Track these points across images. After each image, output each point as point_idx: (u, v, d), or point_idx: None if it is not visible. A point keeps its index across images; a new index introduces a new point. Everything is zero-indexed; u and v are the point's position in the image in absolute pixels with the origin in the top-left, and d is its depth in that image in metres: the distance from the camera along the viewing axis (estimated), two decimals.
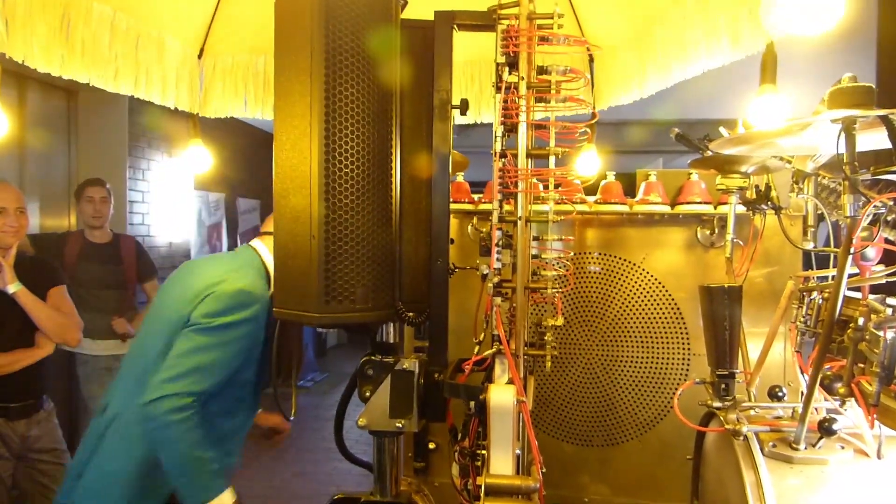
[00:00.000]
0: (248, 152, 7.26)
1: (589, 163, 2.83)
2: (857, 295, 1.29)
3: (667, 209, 2.12)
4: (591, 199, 2.22)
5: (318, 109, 1.38)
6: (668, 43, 2.51)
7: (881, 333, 1.07)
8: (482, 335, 1.64)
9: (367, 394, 1.56)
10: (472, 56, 2.98)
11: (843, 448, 1.29)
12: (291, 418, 1.98)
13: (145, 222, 5.53)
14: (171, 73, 2.75)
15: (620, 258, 2.18)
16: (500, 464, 1.44)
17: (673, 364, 2.14)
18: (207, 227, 6.61)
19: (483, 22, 1.62)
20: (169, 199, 5.86)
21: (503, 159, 1.53)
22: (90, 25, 2.31)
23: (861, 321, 1.16)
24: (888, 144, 1.11)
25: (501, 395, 1.43)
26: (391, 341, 1.62)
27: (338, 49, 1.39)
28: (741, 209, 1.81)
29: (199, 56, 2.95)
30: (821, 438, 1.28)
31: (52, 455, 2.82)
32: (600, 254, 2.19)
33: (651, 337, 2.15)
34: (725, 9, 2.27)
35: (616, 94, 2.62)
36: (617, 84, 2.64)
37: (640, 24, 2.63)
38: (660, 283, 2.15)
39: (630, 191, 2.26)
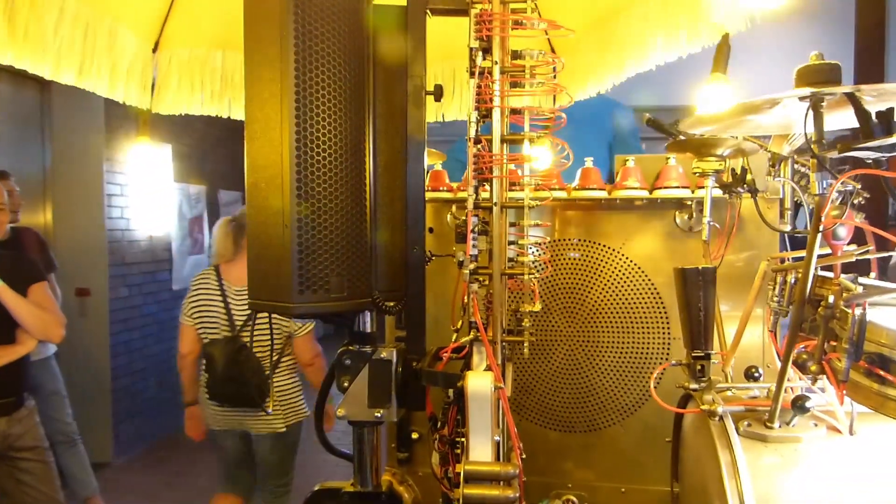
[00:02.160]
0: (228, 144, 7.21)
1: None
2: (831, 275, 1.30)
3: (645, 194, 2.12)
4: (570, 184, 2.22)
5: (288, 97, 1.37)
6: (625, 37, 2.56)
7: (850, 310, 1.08)
8: (460, 323, 1.63)
9: (346, 384, 1.55)
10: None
11: (816, 425, 1.30)
12: (269, 411, 1.98)
13: (124, 216, 5.48)
14: (122, 65, 2.63)
15: (600, 244, 2.18)
16: (479, 451, 1.44)
17: (653, 348, 2.15)
18: (189, 220, 6.57)
19: (456, 6, 1.61)
20: (148, 192, 5.81)
21: (478, 145, 1.52)
22: (36, 8, 2.19)
23: (831, 299, 1.17)
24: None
25: (479, 382, 1.43)
26: (368, 331, 1.61)
27: (308, 34, 1.37)
28: (718, 193, 1.82)
29: (154, 50, 2.84)
30: (794, 416, 1.29)
31: (35, 453, 2.80)
32: (580, 240, 2.19)
33: (631, 322, 2.16)
34: (684, 3, 2.31)
35: (576, 87, 2.61)
36: (575, 77, 2.64)
37: (599, 16, 2.66)
38: (639, 267, 2.15)
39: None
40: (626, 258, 2.16)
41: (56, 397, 3.92)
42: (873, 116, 1.04)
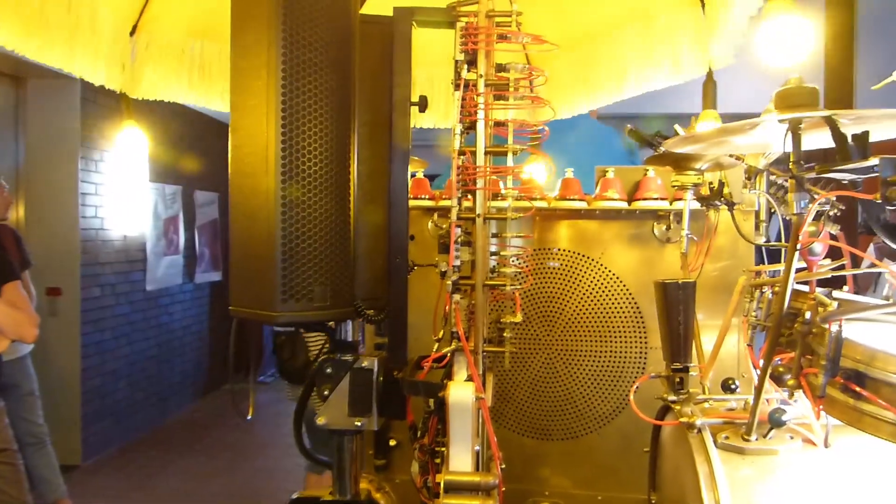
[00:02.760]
0: (205, 143, 7.15)
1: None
2: (806, 289, 1.33)
3: (624, 205, 2.14)
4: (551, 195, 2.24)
5: (274, 104, 1.36)
6: (607, 65, 2.67)
7: (827, 326, 1.10)
8: (441, 332, 1.64)
9: (326, 392, 1.55)
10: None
11: (792, 438, 1.33)
12: (249, 417, 1.96)
13: (98, 215, 5.41)
14: (103, 47, 2.57)
15: (579, 254, 2.20)
16: (460, 460, 1.45)
17: (630, 358, 2.17)
18: (164, 220, 6.49)
19: (442, 19, 1.62)
20: (123, 191, 5.74)
21: (462, 157, 1.53)
22: None
23: (808, 315, 1.19)
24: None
25: (460, 392, 1.44)
26: (350, 339, 1.61)
27: (295, 42, 1.37)
28: (696, 205, 1.85)
29: (132, 33, 2.77)
30: (771, 429, 1.31)
31: (4, 456, 2.75)
32: (559, 250, 2.21)
33: (609, 331, 2.18)
34: (665, 38, 2.47)
35: (558, 105, 2.67)
36: (555, 98, 2.70)
37: (581, 41, 2.73)
38: (617, 278, 2.18)
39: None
40: (605, 268, 2.18)
41: (30, 398, 3.87)
42: (849, 139, 1.06)
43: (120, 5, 2.65)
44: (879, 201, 1.02)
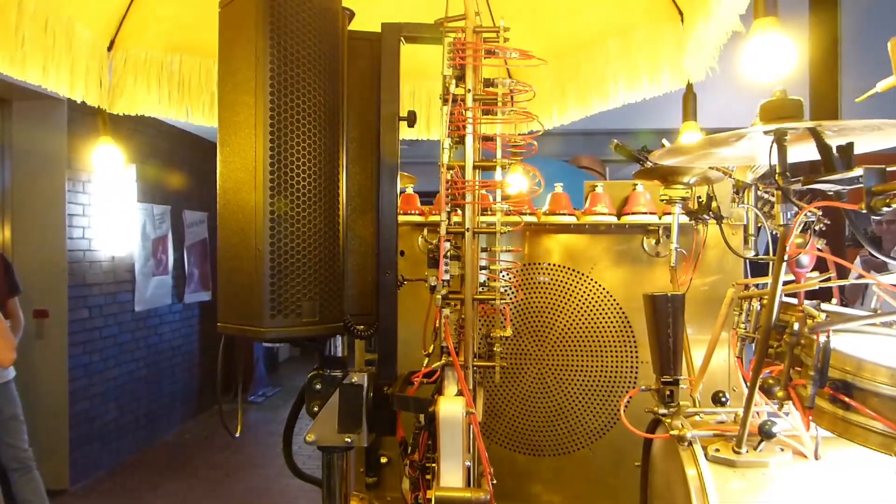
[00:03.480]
0: (194, 163, 7.14)
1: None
2: (795, 301, 1.33)
3: (613, 220, 2.15)
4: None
5: (262, 121, 1.37)
6: (587, 78, 2.73)
7: (815, 338, 1.10)
8: (431, 347, 1.63)
9: (316, 409, 1.54)
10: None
11: (782, 450, 1.33)
12: (237, 435, 1.94)
13: (86, 236, 5.38)
14: (81, 63, 2.56)
15: (569, 268, 2.20)
16: (450, 476, 1.43)
17: (622, 372, 2.17)
18: (152, 240, 6.46)
19: (430, 35, 1.63)
20: (111, 211, 5.72)
21: (451, 171, 1.54)
22: None
23: (796, 326, 1.20)
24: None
25: (450, 407, 1.43)
26: (339, 355, 1.60)
27: (283, 58, 1.38)
28: (684, 219, 1.86)
29: (109, 48, 2.77)
30: (761, 441, 1.31)
31: None
32: (549, 264, 2.21)
33: (600, 346, 2.18)
34: (644, 51, 2.54)
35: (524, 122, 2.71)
36: (536, 111, 2.74)
37: (561, 55, 2.79)
38: (608, 292, 2.18)
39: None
40: (595, 282, 2.19)
41: (14, 422, 3.81)
42: (834, 151, 1.07)
43: (97, 21, 2.65)
44: (864, 212, 1.03)
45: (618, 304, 2.17)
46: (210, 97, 2.86)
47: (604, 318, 2.18)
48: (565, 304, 2.19)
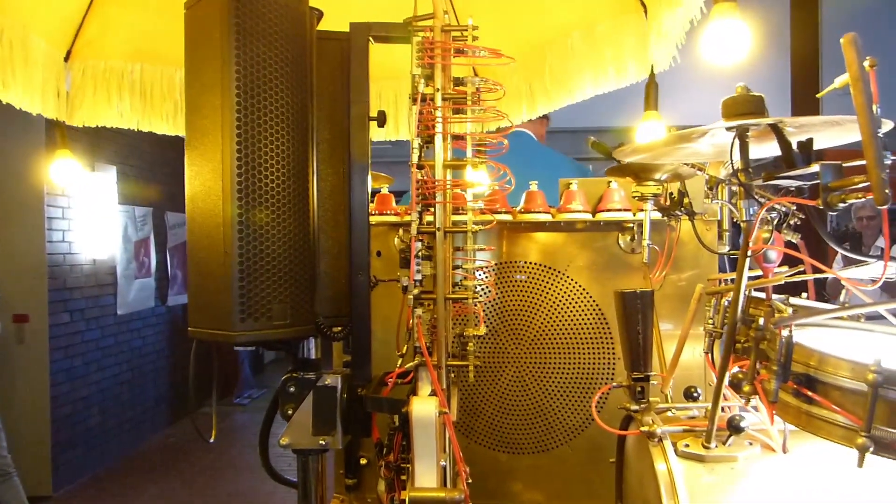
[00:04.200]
0: (176, 164, 7.09)
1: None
2: (764, 296, 1.34)
3: (588, 217, 2.16)
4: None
5: (229, 123, 1.36)
6: (555, 71, 2.75)
7: (778, 332, 1.11)
8: (405, 347, 1.63)
9: (290, 412, 1.54)
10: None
11: (751, 444, 1.33)
12: (211, 440, 1.93)
13: (66, 239, 5.34)
14: (37, 75, 2.50)
15: (545, 266, 2.20)
16: (425, 477, 1.44)
17: (599, 368, 2.17)
18: (134, 242, 6.43)
19: (399, 34, 1.62)
20: (92, 214, 5.67)
21: (421, 171, 1.54)
22: None
23: (762, 321, 1.21)
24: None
25: (423, 407, 1.43)
26: (313, 357, 1.60)
27: (249, 60, 1.37)
28: (657, 215, 1.86)
29: (67, 59, 2.70)
30: (730, 436, 1.32)
31: None
32: (526, 262, 2.21)
33: (577, 343, 2.18)
34: (609, 43, 2.56)
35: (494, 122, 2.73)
36: (504, 108, 2.75)
37: (527, 51, 2.81)
38: (584, 289, 2.18)
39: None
40: (572, 280, 2.19)
41: None
42: (794, 147, 1.08)
43: (53, 31, 2.59)
44: (821, 207, 1.04)
45: (594, 300, 2.18)
46: (173, 106, 2.81)
47: (580, 315, 2.18)
48: (542, 301, 2.20)
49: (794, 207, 1.41)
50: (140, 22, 2.66)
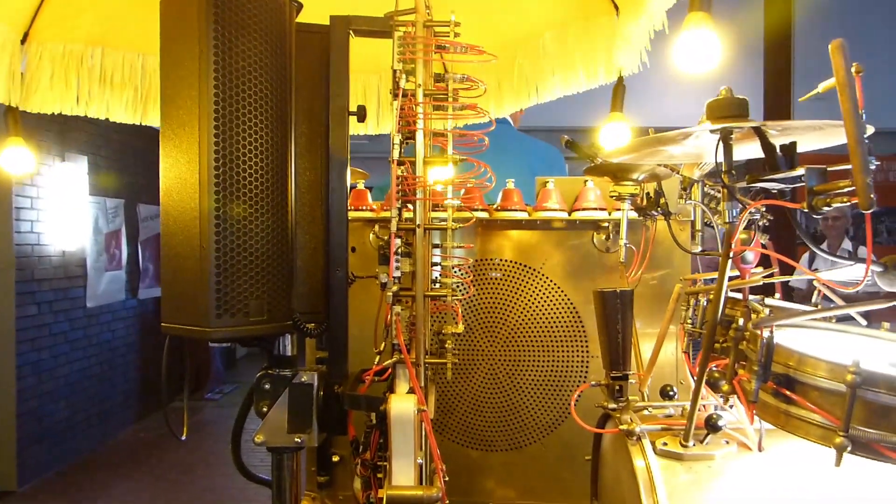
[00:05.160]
0: (148, 155, 6.98)
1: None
2: (740, 296, 1.35)
3: (564, 216, 2.16)
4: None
5: (206, 114, 1.33)
6: (525, 70, 2.77)
7: (759, 333, 1.12)
8: (382, 345, 1.62)
9: (265, 409, 1.52)
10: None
11: (727, 443, 1.35)
12: (183, 438, 1.90)
13: (34, 230, 5.23)
14: None
15: (521, 264, 2.20)
16: (402, 474, 1.43)
17: (573, 366, 2.18)
18: (105, 234, 6.32)
19: (380, 28, 1.61)
20: (61, 205, 5.57)
21: (401, 167, 1.52)
22: None
23: (741, 321, 1.21)
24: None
25: (401, 404, 1.42)
26: (289, 354, 1.58)
27: (228, 51, 1.35)
28: (633, 215, 1.87)
29: (23, 41, 2.57)
30: (707, 435, 1.33)
31: None
32: (501, 260, 2.21)
33: (551, 340, 2.19)
34: (581, 45, 2.60)
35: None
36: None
37: (497, 49, 2.81)
38: (559, 287, 2.19)
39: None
40: (547, 278, 2.19)
41: None
42: (777, 150, 1.09)
43: (8, 13, 2.49)
44: (805, 210, 1.05)
45: (569, 299, 2.18)
46: (134, 93, 2.73)
47: (555, 313, 2.19)
48: (517, 299, 2.20)
49: (765, 209, 1.43)
50: (102, 5, 2.56)
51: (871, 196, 0.87)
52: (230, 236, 1.34)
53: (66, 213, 5.64)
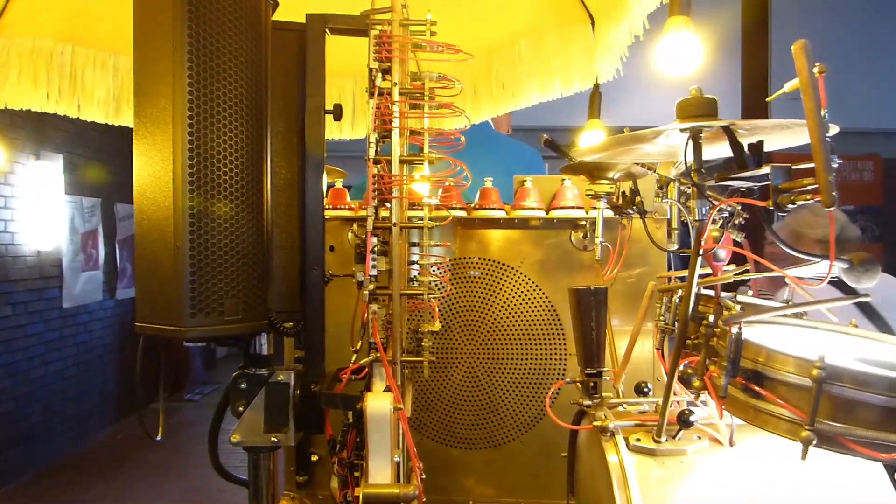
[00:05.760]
0: (126, 154, 6.89)
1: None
2: (713, 293, 1.37)
3: (542, 214, 2.17)
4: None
5: (180, 111, 1.33)
6: (501, 76, 2.81)
7: (728, 329, 1.14)
8: (359, 343, 1.62)
9: (241, 408, 1.51)
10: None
11: (699, 438, 1.36)
12: (158, 438, 1.89)
13: (8, 229, 5.16)
14: None
15: (499, 263, 2.21)
16: (379, 473, 1.43)
17: (551, 364, 2.19)
18: (81, 234, 6.25)
19: (356, 26, 1.61)
20: (36, 204, 5.50)
21: (378, 165, 1.52)
22: None
23: (712, 318, 1.23)
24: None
25: (378, 403, 1.43)
26: (265, 353, 1.57)
27: (202, 48, 1.34)
28: (609, 213, 1.88)
29: None
30: (680, 430, 1.35)
31: None
32: (479, 259, 2.22)
33: (529, 338, 2.20)
34: (557, 52, 2.65)
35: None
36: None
37: (474, 54, 2.85)
38: (537, 286, 2.20)
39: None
40: (525, 276, 2.20)
41: None
42: (745, 149, 1.10)
43: None
44: (771, 208, 1.06)
45: (547, 297, 2.19)
46: (105, 92, 2.70)
47: (533, 311, 2.20)
48: (495, 298, 2.21)
49: (740, 207, 1.45)
50: (72, 0, 2.53)
51: (833, 194, 0.89)
52: (205, 235, 1.34)
53: (41, 213, 5.58)
